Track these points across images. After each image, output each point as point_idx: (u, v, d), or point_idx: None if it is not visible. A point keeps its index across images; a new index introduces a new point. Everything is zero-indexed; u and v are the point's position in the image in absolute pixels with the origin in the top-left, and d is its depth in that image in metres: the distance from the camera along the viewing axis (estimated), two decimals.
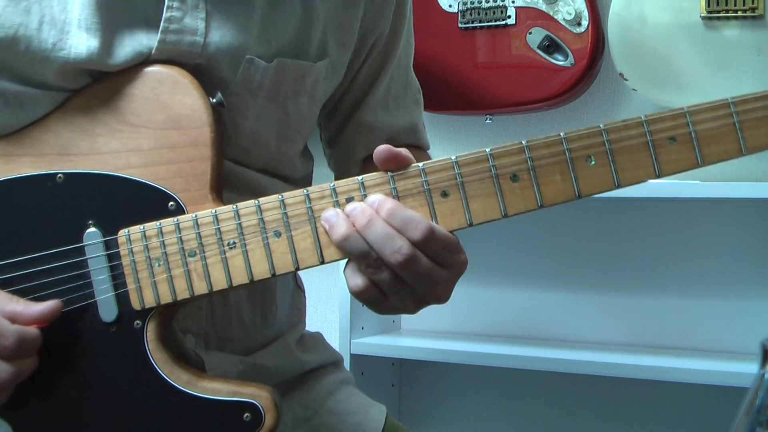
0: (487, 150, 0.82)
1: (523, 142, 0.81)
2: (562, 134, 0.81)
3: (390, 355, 1.89)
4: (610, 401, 1.86)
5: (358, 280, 0.80)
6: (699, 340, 1.78)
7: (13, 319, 0.82)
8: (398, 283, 0.80)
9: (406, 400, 2.03)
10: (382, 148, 0.81)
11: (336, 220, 0.80)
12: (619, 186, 0.81)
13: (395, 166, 0.82)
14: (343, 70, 1.04)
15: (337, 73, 1.04)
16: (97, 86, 0.88)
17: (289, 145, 1.01)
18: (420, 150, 1.13)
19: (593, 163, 0.81)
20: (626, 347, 1.81)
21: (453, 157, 0.82)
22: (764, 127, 0.80)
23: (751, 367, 0.66)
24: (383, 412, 1.11)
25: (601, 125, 0.81)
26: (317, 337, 1.14)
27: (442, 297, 0.83)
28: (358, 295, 0.82)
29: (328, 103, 1.08)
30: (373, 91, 1.08)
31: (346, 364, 1.82)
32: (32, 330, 0.82)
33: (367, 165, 1.08)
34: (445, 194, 0.82)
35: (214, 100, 0.87)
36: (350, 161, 1.09)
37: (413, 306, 0.83)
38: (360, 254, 0.79)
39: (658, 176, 0.81)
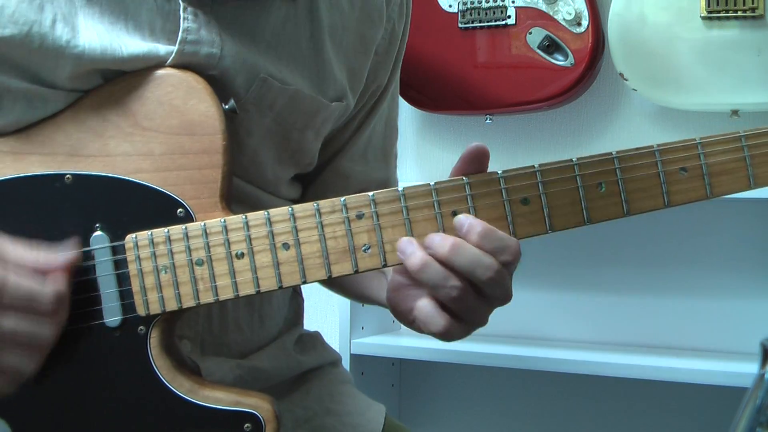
0: (499, 172, 0.82)
1: (536, 166, 0.82)
2: (574, 160, 0.82)
3: (390, 355, 1.89)
4: (611, 401, 1.86)
5: (440, 322, 0.82)
6: (699, 340, 1.78)
7: (35, 268, 0.81)
8: (480, 301, 0.82)
9: (406, 400, 2.03)
10: (479, 145, 0.82)
11: (410, 249, 0.81)
12: (628, 214, 0.83)
13: (478, 168, 0.83)
14: (348, 115, 1.05)
15: (344, 117, 1.04)
16: (109, 87, 0.87)
17: (283, 169, 1.00)
18: None
19: (603, 190, 0.82)
20: (626, 347, 1.81)
21: (465, 178, 0.82)
22: None
23: (751, 367, 0.66)
24: (382, 412, 1.11)
25: (613, 152, 0.82)
26: (316, 337, 1.13)
27: (508, 297, 0.84)
28: (441, 336, 0.82)
29: None
30: (355, 140, 1.08)
31: (346, 364, 1.83)
32: (61, 282, 0.82)
33: None
34: (455, 214, 0.82)
35: (227, 107, 0.87)
36: None
37: (486, 319, 0.85)
38: (439, 282, 0.80)
39: (667, 206, 0.82)
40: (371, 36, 1.03)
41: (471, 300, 0.81)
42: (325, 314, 2.07)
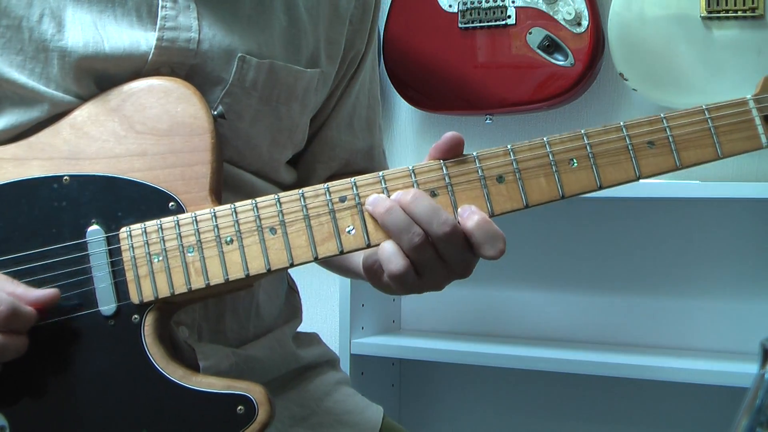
0: (474, 153, 0.86)
1: (509, 146, 0.85)
2: (545, 139, 0.86)
3: (390, 355, 1.89)
4: (611, 401, 1.86)
5: (400, 261, 0.83)
6: (699, 340, 1.78)
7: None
8: (437, 259, 0.84)
9: (406, 400, 2.03)
10: (453, 134, 0.85)
11: (379, 199, 0.84)
12: (601, 187, 0.86)
13: (453, 154, 0.86)
14: (330, 83, 1.08)
15: (326, 86, 1.08)
16: (104, 96, 0.92)
17: (280, 150, 1.04)
18: None
19: (575, 165, 0.85)
20: (626, 347, 1.81)
21: (441, 160, 0.86)
22: (738, 132, 0.85)
23: (751, 367, 0.66)
24: (380, 412, 1.11)
25: (582, 130, 0.86)
26: (313, 336, 1.15)
27: (466, 271, 0.86)
28: (396, 277, 0.84)
29: None
30: (339, 109, 1.12)
31: (346, 363, 1.83)
32: (28, 307, 0.84)
33: None
34: (434, 194, 0.85)
35: (216, 112, 0.92)
36: (311, 180, 1.11)
37: (442, 284, 0.87)
38: (402, 228, 0.83)
39: (639, 178, 0.85)
40: (344, 6, 1.07)
41: (431, 253, 0.84)
42: (325, 314, 2.07)
